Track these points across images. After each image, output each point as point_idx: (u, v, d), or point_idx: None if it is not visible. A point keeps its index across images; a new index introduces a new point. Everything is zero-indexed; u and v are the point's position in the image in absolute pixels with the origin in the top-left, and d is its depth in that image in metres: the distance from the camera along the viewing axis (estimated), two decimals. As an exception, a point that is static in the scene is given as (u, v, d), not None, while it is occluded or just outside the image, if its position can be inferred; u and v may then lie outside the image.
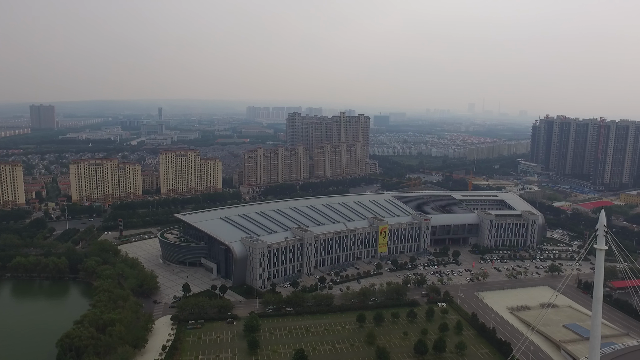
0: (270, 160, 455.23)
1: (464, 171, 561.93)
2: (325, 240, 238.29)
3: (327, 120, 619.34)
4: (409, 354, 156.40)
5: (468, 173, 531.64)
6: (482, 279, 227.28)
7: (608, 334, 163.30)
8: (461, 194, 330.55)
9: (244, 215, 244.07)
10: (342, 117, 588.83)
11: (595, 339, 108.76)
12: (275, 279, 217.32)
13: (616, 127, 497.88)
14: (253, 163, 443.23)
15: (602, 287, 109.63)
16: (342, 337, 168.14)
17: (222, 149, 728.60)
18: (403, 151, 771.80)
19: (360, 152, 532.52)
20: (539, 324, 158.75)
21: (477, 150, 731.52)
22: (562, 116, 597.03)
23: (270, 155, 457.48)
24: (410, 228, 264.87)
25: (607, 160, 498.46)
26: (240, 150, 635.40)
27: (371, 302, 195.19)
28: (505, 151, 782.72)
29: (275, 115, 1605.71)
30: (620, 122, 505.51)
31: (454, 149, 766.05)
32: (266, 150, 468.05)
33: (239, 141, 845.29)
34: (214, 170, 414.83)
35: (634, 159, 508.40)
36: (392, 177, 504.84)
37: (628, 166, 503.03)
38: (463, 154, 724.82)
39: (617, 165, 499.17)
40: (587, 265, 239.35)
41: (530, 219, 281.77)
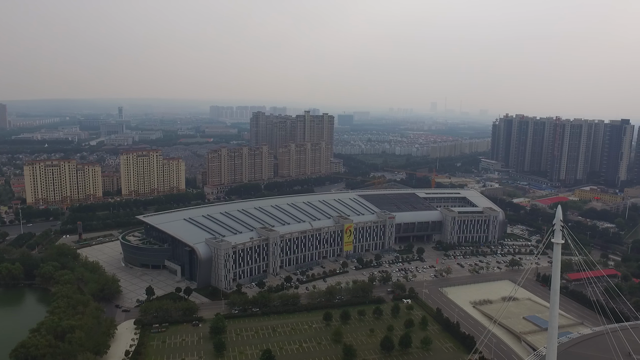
0: (234, 160, 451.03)
1: (427, 169, 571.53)
2: (291, 240, 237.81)
3: (291, 120, 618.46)
4: (376, 351, 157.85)
5: (431, 171, 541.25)
6: (446, 274, 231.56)
7: (565, 323, 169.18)
8: (425, 192, 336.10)
9: (208, 216, 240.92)
10: (307, 117, 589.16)
11: (553, 329, 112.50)
12: (241, 280, 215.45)
13: (571, 125, 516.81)
14: (217, 163, 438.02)
15: (559, 280, 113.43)
16: (309, 336, 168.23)
17: (185, 148, 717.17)
18: (367, 150, 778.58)
19: (325, 151, 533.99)
20: (501, 317, 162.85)
21: (439, 148, 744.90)
22: (521, 115, 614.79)
23: (235, 155, 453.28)
24: (375, 226, 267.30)
25: (562, 158, 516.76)
26: (203, 150, 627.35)
27: (337, 301, 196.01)
28: (467, 149, 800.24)
29: (239, 115, 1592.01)
30: (574, 120, 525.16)
31: (417, 148, 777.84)
32: (230, 150, 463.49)
33: (203, 141, 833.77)
34: (177, 171, 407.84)
35: (587, 156, 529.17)
36: (356, 176, 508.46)
37: (582, 163, 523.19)
38: (426, 152, 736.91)
39: (572, 162, 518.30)
40: (545, 259, 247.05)
41: (491, 215, 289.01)
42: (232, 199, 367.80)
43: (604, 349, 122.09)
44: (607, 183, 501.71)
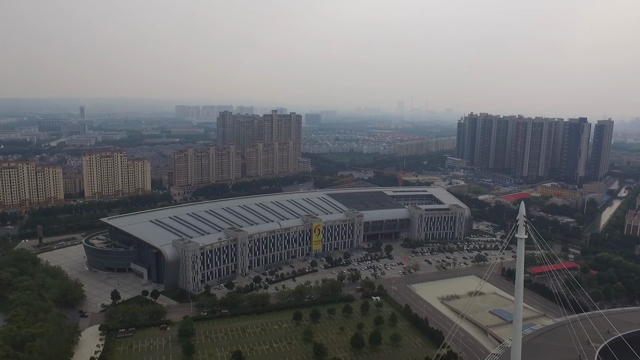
0: (201, 160, 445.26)
1: (395, 167, 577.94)
2: (260, 240, 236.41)
3: (258, 119, 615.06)
4: (346, 349, 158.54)
5: (398, 169, 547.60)
6: (414, 271, 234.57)
7: (528, 316, 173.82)
8: (392, 190, 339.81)
9: (175, 217, 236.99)
10: (274, 116, 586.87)
11: (518, 322, 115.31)
12: (209, 281, 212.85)
13: (532, 124, 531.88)
14: (183, 163, 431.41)
15: (522, 274, 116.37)
16: (279, 336, 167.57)
17: (151, 149, 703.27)
18: (335, 149, 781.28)
19: (293, 151, 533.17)
20: (468, 311, 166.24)
21: (406, 147, 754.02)
22: (485, 114, 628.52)
23: (201, 155, 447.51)
24: (343, 225, 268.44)
25: (525, 155, 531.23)
26: (169, 151, 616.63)
27: (307, 300, 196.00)
28: (433, 147, 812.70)
29: (206, 114, 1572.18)
30: (536, 119, 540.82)
31: (385, 146, 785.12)
32: (197, 150, 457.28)
33: (168, 141, 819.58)
34: (142, 172, 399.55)
35: (548, 153, 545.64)
36: (324, 175, 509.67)
37: (543, 160, 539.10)
38: (393, 150, 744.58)
39: (534, 159, 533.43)
40: (509, 254, 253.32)
41: (458, 212, 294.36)
42: (199, 199, 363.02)
43: (565, 339, 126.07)
44: (566, 179, 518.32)
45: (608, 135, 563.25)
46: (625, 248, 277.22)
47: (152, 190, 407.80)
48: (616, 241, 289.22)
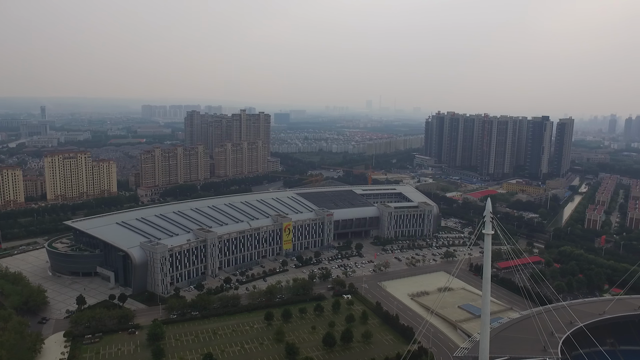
0: (168, 161, 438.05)
1: (364, 166, 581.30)
2: (229, 240, 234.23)
3: (227, 119, 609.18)
4: (318, 347, 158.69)
5: (367, 168, 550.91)
6: (384, 269, 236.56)
7: (496, 310, 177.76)
8: (362, 188, 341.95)
9: (143, 219, 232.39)
10: (243, 115, 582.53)
11: (486, 316, 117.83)
12: (179, 283, 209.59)
13: (497, 122, 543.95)
14: (150, 164, 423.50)
15: (490, 269, 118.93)
16: (251, 336, 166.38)
17: (116, 149, 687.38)
18: (304, 148, 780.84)
19: (262, 150, 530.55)
20: (437, 307, 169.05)
21: (375, 145, 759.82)
22: (452, 112, 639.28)
23: (169, 156, 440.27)
24: (313, 224, 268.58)
25: (491, 153, 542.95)
26: (136, 151, 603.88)
27: (278, 300, 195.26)
28: (402, 146, 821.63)
29: (173, 114, 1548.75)
30: (501, 117, 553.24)
31: (354, 145, 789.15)
32: (164, 150, 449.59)
33: (135, 141, 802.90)
34: (108, 173, 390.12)
35: (512, 151, 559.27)
36: (294, 174, 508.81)
37: (508, 157, 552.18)
38: (362, 149, 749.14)
39: (499, 157, 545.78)
40: (477, 250, 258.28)
41: (426, 209, 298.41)
42: (167, 200, 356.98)
43: (530, 331, 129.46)
44: (531, 176, 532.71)
45: (569, 133, 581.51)
46: (585, 241, 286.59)
47: (119, 191, 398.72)
48: (577, 235, 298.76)
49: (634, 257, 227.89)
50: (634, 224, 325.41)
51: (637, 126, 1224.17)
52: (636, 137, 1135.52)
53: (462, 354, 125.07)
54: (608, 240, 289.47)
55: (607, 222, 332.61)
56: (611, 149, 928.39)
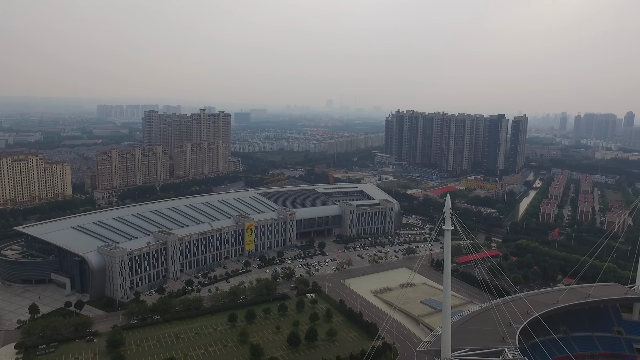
0: (126, 162, 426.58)
1: (325, 165, 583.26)
2: (191, 242, 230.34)
3: (186, 118, 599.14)
4: (283, 347, 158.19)
5: (329, 166, 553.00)
6: (347, 266, 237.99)
7: (456, 303, 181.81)
8: (323, 187, 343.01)
9: (100, 222, 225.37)
10: (202, 115, 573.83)
11: (447, 310, 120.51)
12: (139, 287, 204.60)
13: (455, 120, 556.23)
14: (107, 165, 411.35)
15: (450, 264, 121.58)
16: (215, 339, 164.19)
17: (71, 151, 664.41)
18: (265, 147, 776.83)
19: (222, 150, 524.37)
20: (400, 302, 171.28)
21: (336, 144, 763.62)
22: (411, 111, 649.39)
23: (127, 157, 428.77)
24: (276, 223, 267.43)
25: (449, 150, 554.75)
26: (91, 152, 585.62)
27: (242, 301, 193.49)
28: (363, 144, 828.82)
29: (130, 114, 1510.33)
30: (459, 116, 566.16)
31: (315, 144, 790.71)
32: (121, 151, 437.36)
33: (90, 142, 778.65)
34: (62, 175, 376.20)
35: (470, 148, 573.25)
36: (255, 174, 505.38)
37: (466, 155, 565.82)
38: (323, 148, 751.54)
39: (457, 154, 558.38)
40: (437, 245, 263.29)
41: (388, 206, 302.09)
42: (125, 203, 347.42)
43: (490, 322, 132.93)
44: (488, 172, 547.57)
45: (523, 130, 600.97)
46: (540, 234, 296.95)
47: (74, 194, 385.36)
48: (533, 228, 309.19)
49: (584, 248, 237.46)
50: (584, 217, 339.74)
51: (585, 123, 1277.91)
52: (585, 134, 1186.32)
53: (425, 348, 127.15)
54: (561, 233, 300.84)
55: (559, 216, 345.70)
56: (562, 145, 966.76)
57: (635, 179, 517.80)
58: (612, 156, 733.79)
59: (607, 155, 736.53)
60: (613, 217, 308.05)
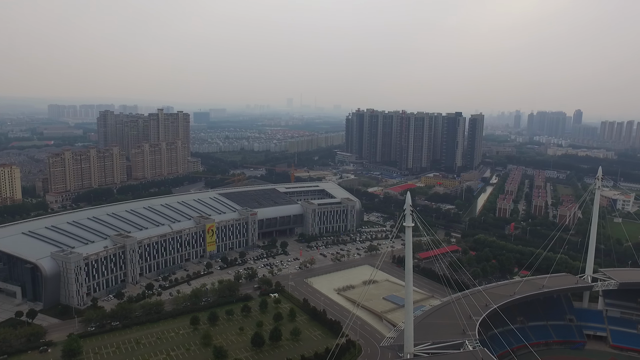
0: (81, 164, 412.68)
1: (286, 164, 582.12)
2: (150, 245, 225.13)
3: (143, 118, 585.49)
4: (247, 349, 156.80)
5: (290, 166, 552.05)
6: (310, 265, 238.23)
7: (418, 298, 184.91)
8: (285, 187, 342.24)
9: (53, 227, 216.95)
10: (160, 115, 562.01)
11: (409, 305, 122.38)
12: (96, 293, 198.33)
13: (414, 118, 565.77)
14: (60, 167, 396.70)
15: (411, 260, 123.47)
16: (177, 343, 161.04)
17: (20, 153, 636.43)
18: (225, 147, 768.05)
19: (182, 151, 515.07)
20: (363, 299, 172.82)
21: (297, 143, 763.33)
22: (371, 109, 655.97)
23: (81, 158, 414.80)
24: (237, 224, 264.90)
25: (409, 148, 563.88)
26: (43, 154, 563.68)
27: (204, 303, 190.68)
28: (323, 143, 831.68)
29: (84, 114, 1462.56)
30: (418, 114, 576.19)
31: (276, 143, 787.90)
32: (75, 153, 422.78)
33: (41, 144, 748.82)
34: (11, 179, 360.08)
35: (429, 145, 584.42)
36: (216, 174, 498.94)
37: (425, 152, 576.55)
38: (284, 147, 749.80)
39: (417, 151, 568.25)
40: (399, 242, 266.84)
41: (349, 205, 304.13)
42: (80, 206, 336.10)
43: (451, 316, 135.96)
44: (447, 169, 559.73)
45: (480, 128, 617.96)
46: (497, 229, 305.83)
47: (24, 198, 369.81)
48: (490, 223, 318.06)
49: (539, 241, 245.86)
50: (537, 211, 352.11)
51: (538, 121, 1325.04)
52: (538, 131, 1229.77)
53: (388, 344, 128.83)
54: (516, 227, 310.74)
55: (515, 210, 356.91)
56: (517, 142, 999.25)
57: (584, 174, 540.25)
58: (563, 152, 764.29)
59: (558, 152, 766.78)
60: (564, 210, 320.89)
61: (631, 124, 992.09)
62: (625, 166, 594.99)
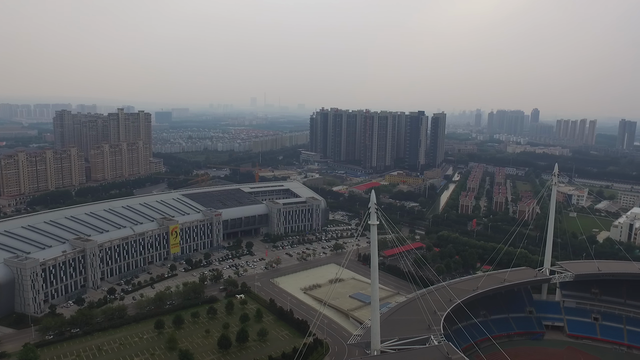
0: (36, 166, 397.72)
1: (251, 164, 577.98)
2: (112, 248, 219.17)
3: (103, 118, 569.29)
4: (213, 351, 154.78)
5: (254, 165, 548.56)
6: (276, 265, 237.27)
7: (384, 296, 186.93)
8: (249, 187, 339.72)
9: (7, 232, 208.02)
10: (121, 115, 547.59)
11: (375, 303, 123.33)
12: (55, 300, 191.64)
13: (378, 117, 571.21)
14: (13, 170, 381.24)
15: (377, 257, 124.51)
16: (141, 348, 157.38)
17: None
18: (189, 147, 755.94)
19: (143, 151, 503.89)
20: (329, 298, 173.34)
21: (261, 142, 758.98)
22: (335, 109, 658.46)
23: (36, 160, 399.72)
24: (202, 225, 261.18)
25: (373, 147, 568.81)
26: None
27: (168, 306, 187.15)
28: (288, 142, 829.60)
29: (39, 114, 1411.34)
30: (381, 113, 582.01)
31: (240, 143, 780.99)
32: (30, 154, 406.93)
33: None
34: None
35: (393, 144, 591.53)
36: (179, 175, 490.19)
37: (389, 151, 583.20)
38: (248, 147, 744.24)
39: (381, 150, 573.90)
40: (364, 240, 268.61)
41: (314, 204, 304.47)
42: (36, 210, 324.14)
43: (416, 312, 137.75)
44: (410, 167, 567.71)
45: (442, 126, 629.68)
46: (460, 225, 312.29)
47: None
48: (453, 220, 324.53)
49: (500, 237, 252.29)
50: (498, 207, 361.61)
51: (498, 119, 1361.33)
52: (497, 129, 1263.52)
53: (355, 341, 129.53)
54: (478, 223, 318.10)
55: (477, 207, 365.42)
56: (478, 140, 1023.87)
57: (542, 171, 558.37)
58: (522, 150, 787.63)
59: (517, 149, 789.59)
60: (523, 206, 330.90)
61: (584, 123, 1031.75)
62: (579, 163, 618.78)
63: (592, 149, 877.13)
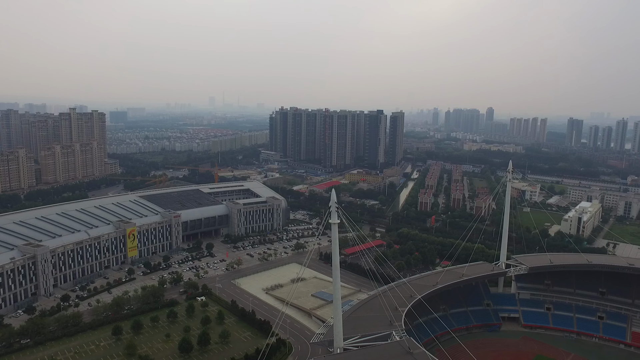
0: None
1: (210, 164, 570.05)
2: (65, 254, 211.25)
3: (54, 118, 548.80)
4: (174, 355, 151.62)
5: (213, 165, 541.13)
6: (237, 266, 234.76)
7: (346, 293, 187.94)
8: (209, 187, 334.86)
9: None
10: (73, 114, 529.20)
11: (337, 301, 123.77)
12: (3, 310, 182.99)
13: (338, 116, 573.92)
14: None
15: (338, 256, 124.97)
16: (97, 356, 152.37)
17: None
18: (145, 148, 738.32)
19: (98, 152, 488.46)
20: (292, 298, 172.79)
21: (220, 142, 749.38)
22: (295, 108, 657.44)
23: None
24: (160, 227, 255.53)
25: (333, 146, 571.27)
26: None
27: (127, 311, 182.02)
28: (247, 142, 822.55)
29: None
30: (341, 112, 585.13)
31: (198, 143, 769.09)
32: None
33: None
34: None
35: (352, 143, 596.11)
36: (135, 176, 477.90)
37: (349, 149, 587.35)
38: (207, 147, 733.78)
39: (340, 149, 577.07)
40: (325, 239, 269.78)
41: (275, 203, 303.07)
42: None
43: (378, 308, 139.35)
44: (370, 166, 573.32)
45: (401, 125, 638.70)
46: (419, 222, 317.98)
47: None
48: (412, 217, 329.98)
49: (458, 233, 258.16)
50: (456, 204, 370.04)
51: (454, 118, 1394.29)
52: (454, 128, 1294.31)
53: (318, 340, 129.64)
54: (437, 220, 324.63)
55: (435, 204, 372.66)
56: (435, 138, 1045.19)
57: (497, 168, 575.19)
58: (477, 147, 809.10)
59: (473, 147, 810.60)
60: (480, 202, 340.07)
61: (536, 121, 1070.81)
62: (531, 159, 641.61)
63: (544, 146, 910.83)
